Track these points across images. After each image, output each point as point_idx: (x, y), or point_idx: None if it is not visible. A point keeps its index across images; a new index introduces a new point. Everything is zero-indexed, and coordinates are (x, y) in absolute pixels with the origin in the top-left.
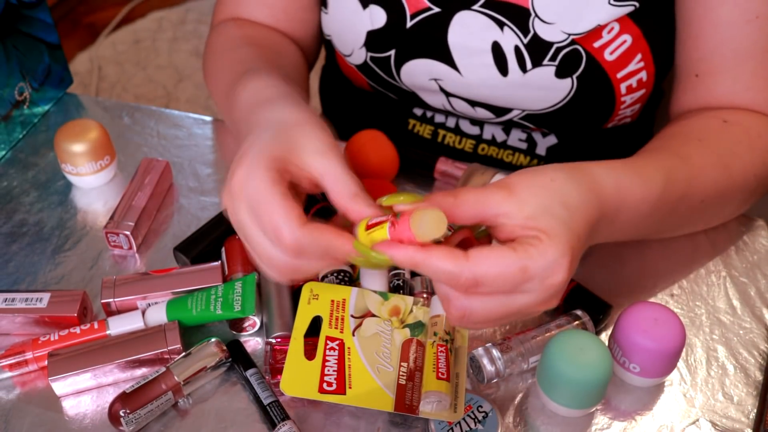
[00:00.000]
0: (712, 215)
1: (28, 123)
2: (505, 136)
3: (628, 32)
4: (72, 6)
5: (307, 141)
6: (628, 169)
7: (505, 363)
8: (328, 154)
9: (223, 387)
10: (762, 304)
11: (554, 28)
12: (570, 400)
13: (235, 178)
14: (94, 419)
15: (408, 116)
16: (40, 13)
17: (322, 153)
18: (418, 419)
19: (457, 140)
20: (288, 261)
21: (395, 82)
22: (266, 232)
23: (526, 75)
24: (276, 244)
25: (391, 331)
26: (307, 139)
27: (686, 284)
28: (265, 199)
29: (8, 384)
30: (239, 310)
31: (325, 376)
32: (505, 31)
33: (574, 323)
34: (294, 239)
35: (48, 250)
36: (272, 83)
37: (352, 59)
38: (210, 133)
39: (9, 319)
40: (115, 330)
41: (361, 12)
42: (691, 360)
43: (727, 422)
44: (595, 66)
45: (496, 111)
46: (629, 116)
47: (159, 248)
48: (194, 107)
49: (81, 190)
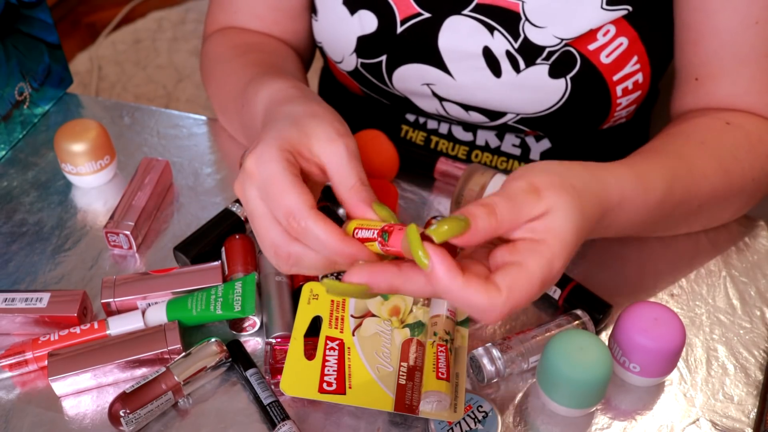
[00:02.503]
0: (708, 218)
1: (28, 123)
2: (498, 141)
3: (625, 35)
4: (72, 6)
5: (320, 129)
6: (632, 176)
7: (505, 363)
8: (337, 142)
9: (223, 387)
10: (762, 304)
11: (545, 32)
12: (570, 400)
13: (248, 160)
14: (94, 419)
15: (401, 122)
16: (40, 13)
17: (331, 140)
18: (418, 419)
19: (450, 146)
20: (293, 247)
21: (387, 88)
22: (276, 213)
23: (520, 75)
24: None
25: (391, 331)
26: (320, 128)
27: (686, 284)
28: (277, 180)
29: (8, 384)
30: (239, 310)
31: (325, 376)
32: (495, 35)
33: (574, 323)
34: (303, 222)
35: (48, 249)
36: (292, 84)
37: (343, 66)
38: (210, 133)
39: (9, 319)
40: (115, 330)
41: (350, 18)
42: (691, 360)
43: (727, 422)
44: (590, 68)
45: (490, 115)
46: (624, 117)
47: (159, 248)
48: (194, 107)
49: (81, 189)
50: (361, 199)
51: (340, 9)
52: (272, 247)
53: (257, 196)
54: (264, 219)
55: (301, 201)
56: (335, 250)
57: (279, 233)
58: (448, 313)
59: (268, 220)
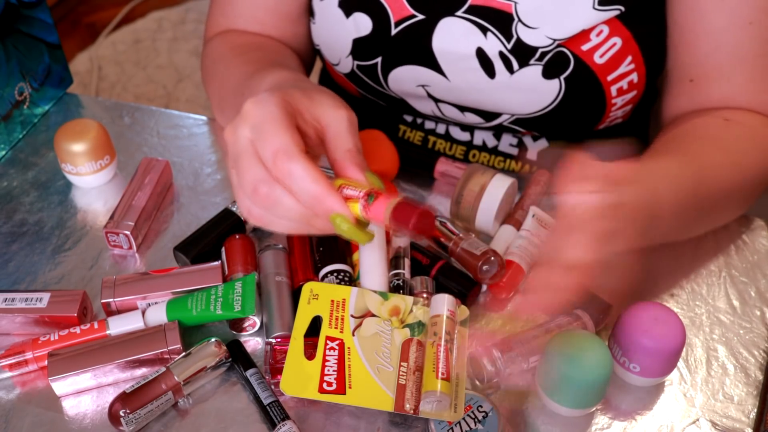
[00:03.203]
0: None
1: (28, 123)
2: (495, 141)
3: (618, 35)
4: (72, 6)
5: (326, 97)
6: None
7: (505, 363)
8: (341, 109)
9: (223, 387)
10: (762, 304)
11: (538, 32)
12: (570, 400)
13: (247, 104)
14: (94, 419)
15: (398, 122)
16: (40, 13)
17: (336, 107)
18: (418, 419)
19: (447, 146)
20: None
21: (383, 90)
22: (264, 152)
23: (514, 76)
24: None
25: (391, 331)
26: (326, 96)
27: (686, 284)
28: (272, 120)
29: (8, 384)
30: (239, 310)
31: (325, 376)
32: (489, 36)
33: (574, 323)
34: (291, 162)
35: (48, 249)
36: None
37: (340, 68)
38: (210, 133)
39: (9, 319)
40: (115, 330)
41: (345, 21)
42: (691, 360)
43: (727, 422)
44: (584, 69)
45: (485, 116)
46: (620, 117)
47: (159, 248)
48: (194, 107)
49: (81, 189)
50: (354, 162)
51: (336, 11)
52: (251, 185)
53: (247, 136)
54: (250, 157)
55: (292, 142)
56: (316, 196)
57: (262, 171)
58: (448, 313)
59: (253, 158)
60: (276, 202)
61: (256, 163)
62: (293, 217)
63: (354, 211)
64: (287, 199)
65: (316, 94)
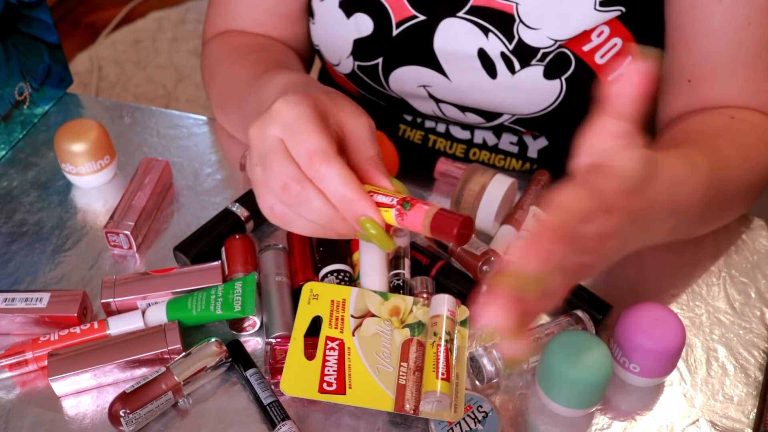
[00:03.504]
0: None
1: (28, 123)
2: (496, 139)
3: (619, 35)
4: (72, 6)
5: (347, 103)
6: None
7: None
8: (363, 116)
9: (223, 387)
10: (762, 304)
11: (539, 33)
12: (570, 400)
13: (277, 103)
14: (94, 419)
15: (398, 121)
16: (40, 13)
17: (358, 114)
18: (418, 419)
19: (448, 145)
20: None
21: (384, 90)
22: (297, 151)
23: (515, 76)
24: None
25: (391, 331)
26: (347, 102)
27: (686, 284)
28: (307, 120)
29: (8, 384)
30: (239, 310)
31: (325, 376)
32: (490, 37)
33: (574, 323)
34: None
35: (48, 249)
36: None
37: (340, 68)
38: (210, 133)
39: (9, 319)
40: (115, 330)
41: (346, 21)
42: (691, 360)
43: (727, 422)
44: (585, 69)
45: (486, 116)
46: None
47: (159, 248)
48: (194, 107)
49: (81, 189)
50: (379, 169)
51: (337, 12)
52: (281, 182)
53: (277, 135)
54: (280, 154)
55: (328, 143)
56: (350, 199)
57: (294, 169)
58: (448, 313)
59: (284, 156)
60: (305, 201)
61: (288, 161)
62: (318, 218)
63: (387, 218)
64: (317, 200)
65: (338, 98)
